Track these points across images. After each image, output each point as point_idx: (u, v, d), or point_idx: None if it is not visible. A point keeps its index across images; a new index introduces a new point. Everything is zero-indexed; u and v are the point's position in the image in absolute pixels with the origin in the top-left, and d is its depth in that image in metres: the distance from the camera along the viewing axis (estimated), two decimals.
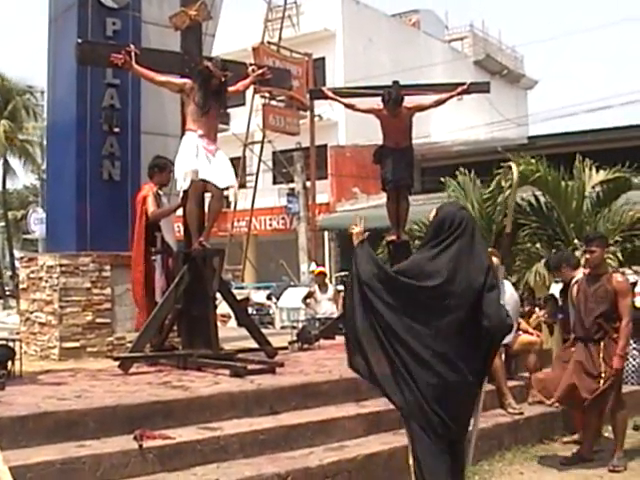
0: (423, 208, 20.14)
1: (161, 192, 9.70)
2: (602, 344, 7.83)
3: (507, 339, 8.85)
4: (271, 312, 21.49)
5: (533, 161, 14.32)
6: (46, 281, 10.16)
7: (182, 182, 8.95)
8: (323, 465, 6.54)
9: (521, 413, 8.77)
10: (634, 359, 11.00)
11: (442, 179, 16.10)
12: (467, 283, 4.62)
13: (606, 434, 8.62)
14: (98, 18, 10.43)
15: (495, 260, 8.40)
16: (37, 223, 32.97)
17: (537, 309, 12.23)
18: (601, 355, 7.79)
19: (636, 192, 14.74)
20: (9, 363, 7.84)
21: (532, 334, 9.85)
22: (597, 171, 14.60)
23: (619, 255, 12.86)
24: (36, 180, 45.24)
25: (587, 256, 8.13)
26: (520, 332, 9.63)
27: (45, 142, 19.18)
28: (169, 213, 9.67)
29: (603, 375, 7.75)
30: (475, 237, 4.78)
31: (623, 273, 9.90)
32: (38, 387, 7.55)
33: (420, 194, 18.39)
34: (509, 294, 9.26)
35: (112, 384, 7.74)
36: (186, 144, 9.01)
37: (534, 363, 9.43)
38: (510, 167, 8.26)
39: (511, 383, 9.29)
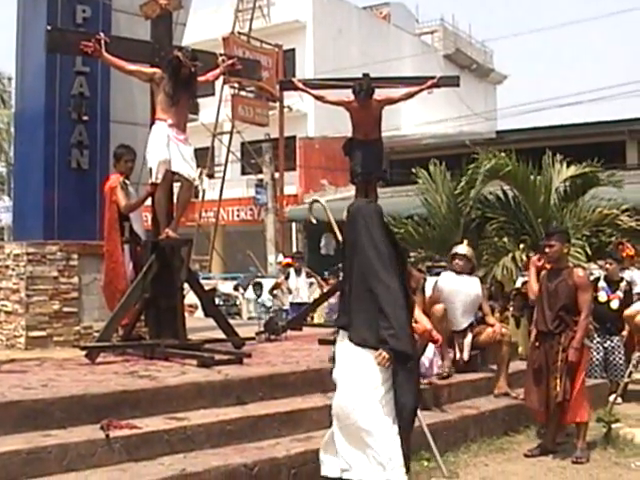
0: (391, 201, 20.38)
1: (127, 182, 9.66)
2: (563, 337, 7.92)
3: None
4: (238, 303, 21.49)
5: (503, 155, 14.42)
6: (13, 269, 10.06)
7: (156, 173, 8.90)
8: (290, 455, 6.56)
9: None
10: (598, 353, 11.12)
11: (413, 170, 16.11)
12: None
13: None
14: (68, 5, 10.33)
15: None
16: (3, 211, 32.72)
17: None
18: (561, 348, 7.89)
19: (602, 188, 14.88)
20: None
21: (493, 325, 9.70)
22: (568, 166, 14.70)
23: (587, 250, 12.98)
24: (2, 168, 44.75)
25: (546, 250, 8.20)
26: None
27: (13, 129, 19.00)
28: (140, 204, 9.61)
29: (559, 366, 7.86)
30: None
31: (585, 268, 10.01)
32: (4, 376, 7.48)
33: (388, 187, 18.40)
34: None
35: (79, 373, 7.70)
36: (156, 134, 8.96)
37: (507, 355, 9.39)
38: None
39: (478, 375, 9.37)
